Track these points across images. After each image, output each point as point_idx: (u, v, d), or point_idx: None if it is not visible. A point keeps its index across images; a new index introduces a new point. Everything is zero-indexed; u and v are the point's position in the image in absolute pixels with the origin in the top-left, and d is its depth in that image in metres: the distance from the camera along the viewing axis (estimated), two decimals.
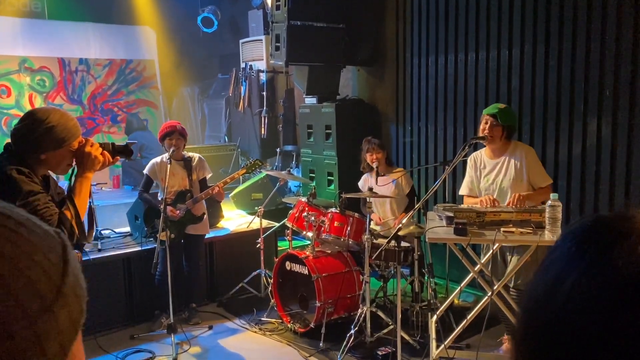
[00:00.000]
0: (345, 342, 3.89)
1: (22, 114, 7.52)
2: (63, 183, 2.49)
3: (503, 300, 3.31)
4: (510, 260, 3.45)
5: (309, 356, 4.00)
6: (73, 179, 2.28)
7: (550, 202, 2.95)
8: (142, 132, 8.36)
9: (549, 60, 4.50)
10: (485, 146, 3.64)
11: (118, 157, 2.40)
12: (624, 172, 4.10)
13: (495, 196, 3.48)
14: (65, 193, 2.31)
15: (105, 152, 2.32)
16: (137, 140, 8.07)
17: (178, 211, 4.34)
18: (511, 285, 3.46)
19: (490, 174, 3.56)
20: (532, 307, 0.55)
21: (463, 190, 3.73)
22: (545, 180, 3.51)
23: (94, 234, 2.44)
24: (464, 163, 3.85)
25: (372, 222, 4.65)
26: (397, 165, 5.48)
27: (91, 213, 2.40)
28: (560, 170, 4.47)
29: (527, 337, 0.55)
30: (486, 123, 3.47)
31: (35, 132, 2.16)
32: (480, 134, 3.51)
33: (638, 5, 3.93)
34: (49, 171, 2.33)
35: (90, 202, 2.33)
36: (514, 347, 0.57)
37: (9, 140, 2.27)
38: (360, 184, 4.78)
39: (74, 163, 2.29)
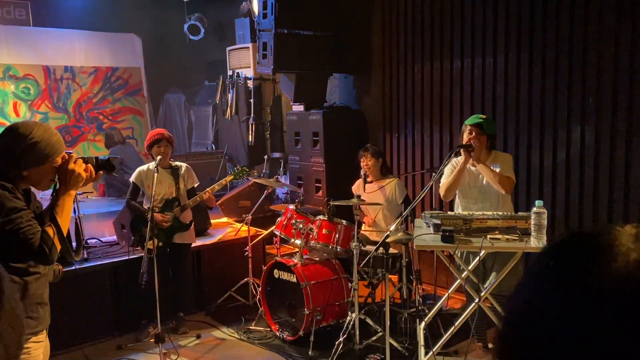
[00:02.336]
0: (334, 350, 3.89)
1: (6, 122, 7.41)
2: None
3: (489, 306, 3.34)
4: (492, 268, 3.48)
5: None
6: (55, 195, 2.20)
7: (535, 209, 2.98)
8: (122, 147, 8.29)
9: (533, 69, 4.57)
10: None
11: (101, 172, 2.33)
12: (608, 178, 4.16)
13: (475, 203, 3.54)
14: (43, 208, 2.24)
15: (90, 167, 2.26)
16: (117, 154, 8.01)
17: (168, 216, 4.32)
18: (494, 293, 3.48)
19: (470, 182, 3.62)
20: (512, 321, 0.56)
21: (443, 185, 3.69)
22: (509, 173, 3.51)
23: (81, 251, 2.36)
24: None
25: (363, 225, 4.69)
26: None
27: (77, 229, 2.32)
28: (545, 177, 4.53)
29: (507, 351, 0.56)
30: (470, 133, 3.51)
31: (18, 148, 2.08)
32: (466, 143, 3.55)
33: (619, 15, 4.01)
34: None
35: (77, 218, 2.27)
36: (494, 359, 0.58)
37: None
38: (353, 188, 4.81)
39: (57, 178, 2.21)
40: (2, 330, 0.53)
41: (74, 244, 2.32)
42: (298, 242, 4.43)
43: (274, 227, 4.73)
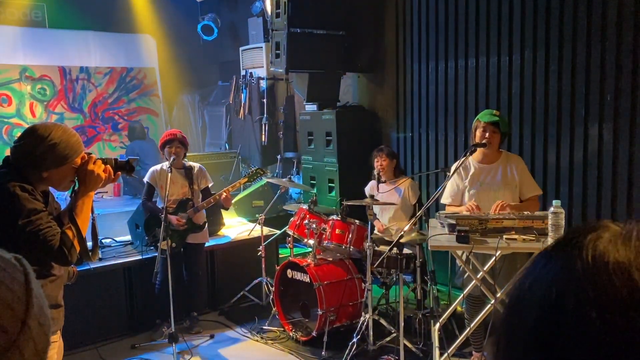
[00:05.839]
0: (347, 351, 3.87)
1: (22, 122, 7.47)
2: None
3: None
4: (501, 268, 3.42)
5: None
6: (74, 196, 2.20)
7: (552, 208, 2.93)
8: (141, 141, 8.35)
9: (549, 66, 4.50)
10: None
11: (119, 173, 2.33)
12: (626, 177, 4.08)
13: (486, 200, 3.48)
14: (62, 209, 2.25)
15: (109, 168, 2.26)
16: (136, 149, 8.08)
17: (184, 220, 4.33)
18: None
19: (483, 179, 3.55)
20: (512, 310, 0.57)
21: (446, 199, 3.65)
22: (536, 189, 3.53)
23: (98, 252, 2.37)
24: None
25: (374, 230, 4.66)
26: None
27: (94, 231, 2.33)
28: (562, 176, 4.46)
29: (508, 339, 0.56)
30: (485, 131, 3.45)
31: (37, 149, 2.09)
32: (478, 141, 3.49)
33: (638, 10, 3.93)
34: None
35: (93, 219, 2.27)
36: (496, 352, 0.58)
37: (8, 153, 2.21)
38: (366, 189, 4.78)
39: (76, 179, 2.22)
40: (32, 327, 0.53)
41: (89, 244, 2.33)
42: (311, 242, 4.41)
43: (287, 227, 4.72)
